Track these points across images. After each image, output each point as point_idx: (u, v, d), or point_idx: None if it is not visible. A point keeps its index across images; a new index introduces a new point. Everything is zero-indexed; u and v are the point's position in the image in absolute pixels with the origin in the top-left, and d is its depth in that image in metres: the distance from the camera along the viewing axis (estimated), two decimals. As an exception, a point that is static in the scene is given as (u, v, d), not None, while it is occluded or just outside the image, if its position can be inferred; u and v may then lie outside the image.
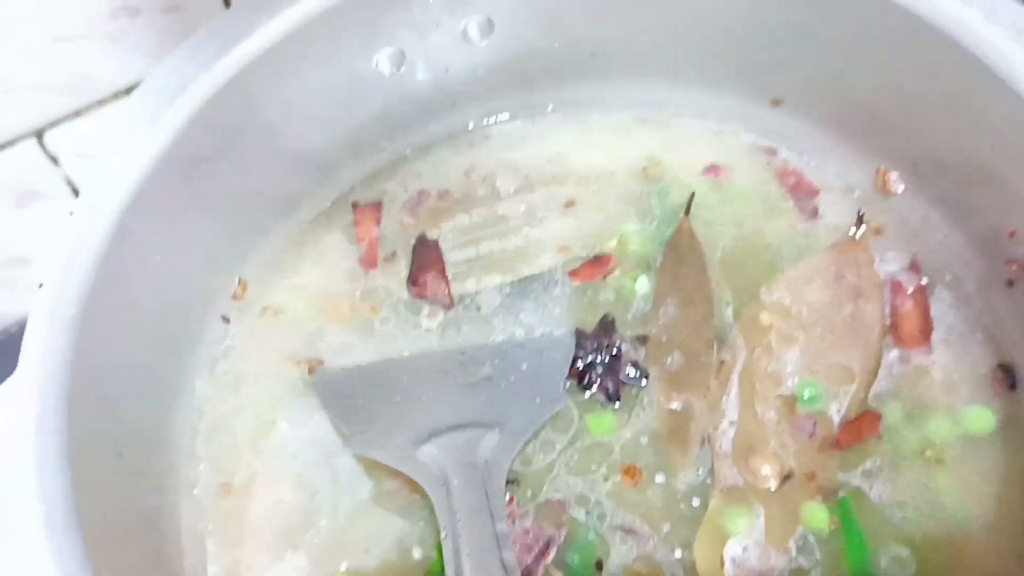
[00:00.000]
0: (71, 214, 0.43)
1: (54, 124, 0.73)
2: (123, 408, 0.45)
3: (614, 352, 0.53)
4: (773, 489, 0.49)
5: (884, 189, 0.56)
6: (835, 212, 0.57)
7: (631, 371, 0.52)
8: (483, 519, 0.43)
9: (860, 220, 0.56)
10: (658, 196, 0.58)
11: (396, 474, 0.49)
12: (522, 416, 0.50)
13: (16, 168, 0.71)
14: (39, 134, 0.72)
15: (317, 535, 0.49)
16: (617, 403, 0.52)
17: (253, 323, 0.55)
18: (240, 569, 0.49)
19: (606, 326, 0.54)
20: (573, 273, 0.56)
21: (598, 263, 0.56)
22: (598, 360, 0.52)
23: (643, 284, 0.55)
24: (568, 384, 0.52)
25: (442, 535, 0.44)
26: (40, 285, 0.41)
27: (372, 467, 0.51)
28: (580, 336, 0.53)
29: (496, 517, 0.44)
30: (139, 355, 0.47)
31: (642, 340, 0.53)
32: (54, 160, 0.72)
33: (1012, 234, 0.50)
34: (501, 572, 0.41)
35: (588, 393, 0.52)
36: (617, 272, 0.56)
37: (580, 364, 0.52)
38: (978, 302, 0.53)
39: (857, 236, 0.56)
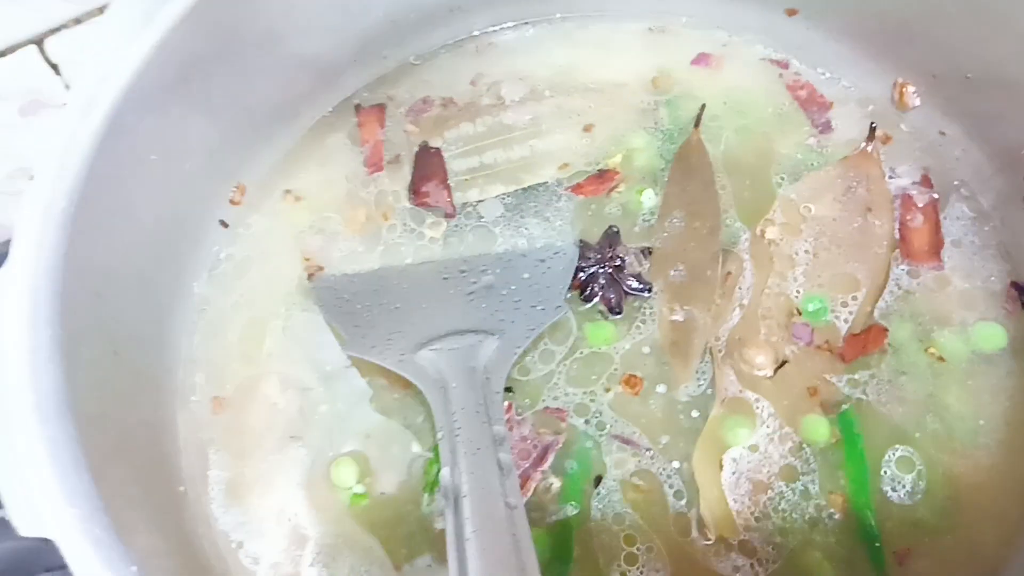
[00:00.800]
0: (64, 107, 0.42)
1: (54, 31, 0.72)
2: (119, 307, 0.45)
3: (617, 263, 0.52)
4: (770, 375, 0.49)
5: (901, 103, 0.55)
6: (849, 126, 0.56)
7: (634, 283, 0.51)
8: (480, 420, 0.43)
9: (872, 134, 0.54)
10: (667, 108, 0.57)
11: (386, 372, 0.49)
12: (522, 323, 0.49)
13: (18, 76, 0.71)
14: (39, 42, 0.72)
15: (317, 425, 0.49)
16: (619, 315, 0.51)
17: (263, 218, 0.55)
18: (242, 471, 0.49)
19: (611, 237, 0.53)
20: (576, 188, 0.55)
21: (602, 178, 0.55)
22: (601, 271, 0.51)
23: (649, 197, 0.54)
24: (570, 295, 0.51)
25: (439, 435, 0.43)
26: (31, 177, 0.40)
27: (361, 364, 0.51)
28: (584, 247, 0.52)
29: (493, 420, 0.44)
30: (136, 254, 0.46)
31: (647, 252, 0.52)
32: (55, 68, 0.71)
33: (1031, 148, 0.49)
34: (497, 470, 0.41)
35: (590, 304, 0.51)
36: (622, 188, 0.55)
37: (583, 275, 0.51)
38: (994, 218, 0.52)
39: (869, 149, 0.54)
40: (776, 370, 0.49)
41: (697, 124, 0.56)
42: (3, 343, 0.38)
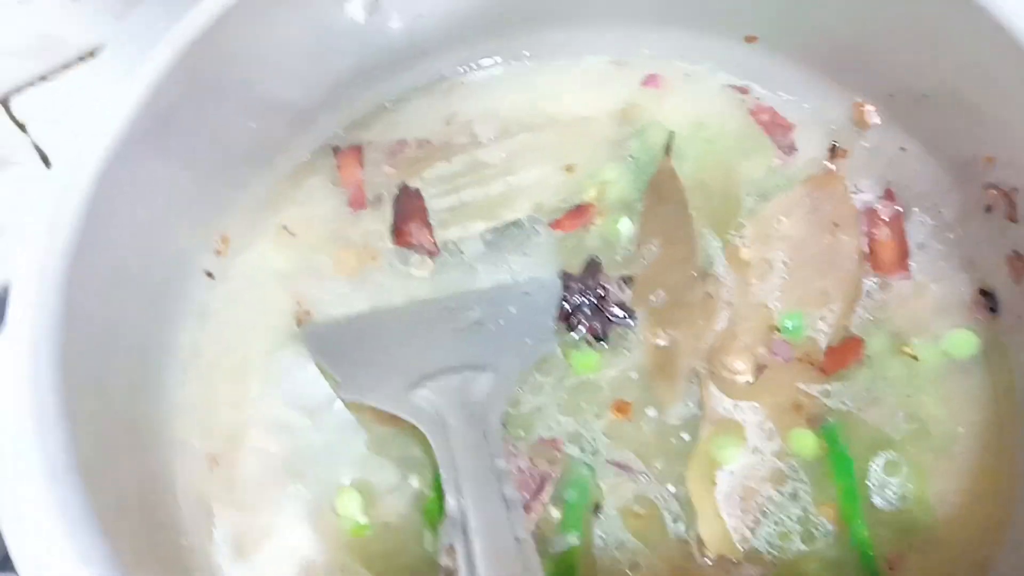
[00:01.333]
0: (51, 168, 0.42)
1: (19, 90, 0.71)
2: (114, 362, 0.45)
3: (600, 293, 0.53)
4: (752, 381, 0.50)
5: (861, 121, 0.57)
6: (812, 146, 0.57)
7: (618, 311, 0.53)
8: (482, 456, 0.44)
9: (834, 152, 0.57)
10: (637, 139, 0.58)
11: (374, 411, 0.50)
12: (514, 357, 0.50)
13: (-16, 136, 0.70)
14: (5, 100, 0.71)
15: (314, 462, 0.50)
16: (605, 344, 0.52)
17: (247, 265, 0.55)
18: (245, 519, 0.49)
19: (592, 267, 0.54)
20: (555, 224, 0.56)
21: (579, 212, 0.56)
22: (584, 301, 0.53)
23: (626, 225, 0.55)
24: (556, 326, 0.52)
25: (442, 474, 0.44)
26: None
27: (351, 404, 0.51)
28: (566, 278, 0.53)
29: (494, 455, 0.44)
30: (127, 309, 0.46)
31: (628, 281, 0.54)
32: (21, 127, 0.71)
33: (989, 159, 0.51)
34: (503, 506, 0.42)
35: (576, 335, 0.52)
36: (599, 220, 0.56)
37: (567, 306, 0.53)
38: (957, 228, 0.54)
39: (833, 168, 0.56)
40: (757, 376, 0.50)
41: (667, 152, 0.57)
42: (7, 407, 0.38)
